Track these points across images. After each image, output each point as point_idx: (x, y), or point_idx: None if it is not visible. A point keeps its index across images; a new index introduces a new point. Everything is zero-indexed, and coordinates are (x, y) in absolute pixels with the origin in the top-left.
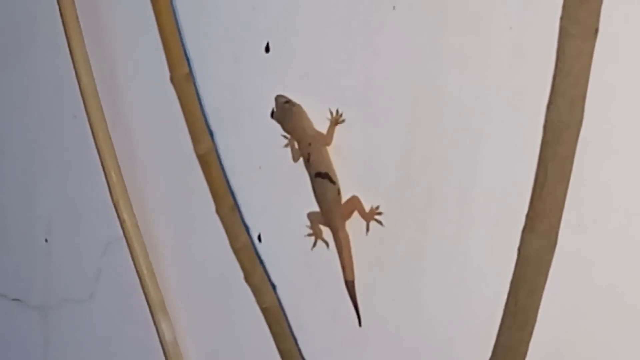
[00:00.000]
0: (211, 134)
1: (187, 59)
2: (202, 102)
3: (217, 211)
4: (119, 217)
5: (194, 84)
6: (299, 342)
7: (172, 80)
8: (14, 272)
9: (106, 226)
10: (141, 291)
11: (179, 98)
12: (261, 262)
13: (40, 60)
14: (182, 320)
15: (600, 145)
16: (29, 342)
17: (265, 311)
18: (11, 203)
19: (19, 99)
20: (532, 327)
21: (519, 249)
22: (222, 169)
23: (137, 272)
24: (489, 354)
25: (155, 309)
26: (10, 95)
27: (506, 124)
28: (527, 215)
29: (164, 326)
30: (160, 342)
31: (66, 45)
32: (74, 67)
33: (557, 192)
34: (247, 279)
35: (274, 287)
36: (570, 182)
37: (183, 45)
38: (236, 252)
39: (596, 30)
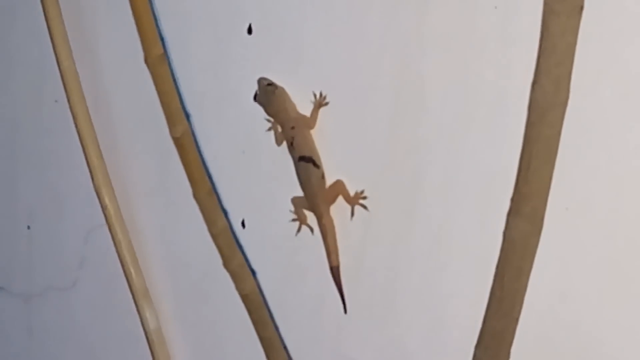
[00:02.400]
0: (188, 116)
1: (163, 40)
2: (181, 85)
3: (195, 195)
4: (101, 203)
5: (171, 65)
6: (282, 330)
7: (146, 61)
8: None
9: (88, 212)
10: (124, 278)
11: (154, 80)
12: (244, 248)
13: (20, 44)
14: (165, 307)
15: (587, 125)
16: (12, 330)
17: (244, 298)
18: None
19: None
20: (519, 313)
21: (504, 233)
22: (201, 153)
23: (120, 259)
24: (475, 340)
25: (138, 296)
26: None
27: (491, 105)
28: (512, 199)
29: (147, 313)
30: (144, 329)
31: (46, 28)
32: (54, 51)
33: (542, 175)
34: (226, 264)
35: (254, 273)
36: (556, 164)
37: (159, 25)
38: (214, 237)
39: (581, 8)
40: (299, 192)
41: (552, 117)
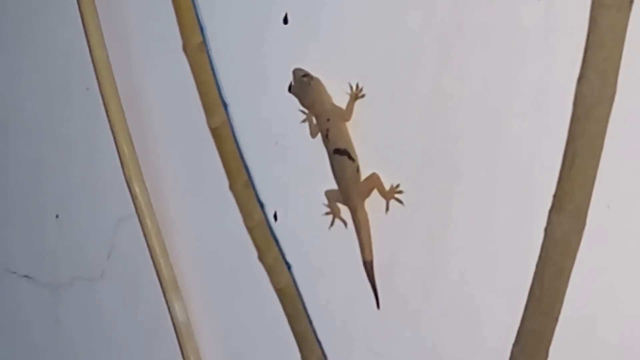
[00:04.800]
0: (226, 106)
1: (202, 29)
2: (217, 74)
3: (231, 187)
4: (131, 192)
5: (209, 54)
6: (315, 324)
7: (184, 49)
8: (25, 249)
9: (118, 202)
10: (153, 269)
11: (192, 68)
12: (277, 240)
13: (52, 31)
14: (195, 299)
15: (633, 121)
16: (40, 320)
17: (279, 292)
18: (22, 178)
19: (31, 71)
20: (558, 312)
21: (546, 230)
22: (237, 143)
23: (149, 249)
24: (513, 339)
25: (167, 287)
26: (22, 67)
27: (534, 98)
28: (555, 195)
29: (176, 306)
30: (172, 321)
31: (78, 15)
32: (87, 38)
33: (586, 171)
34: (261, 258)
35: (289, 267)
36: (600, 161)
37: (198, 14)
38: (250, 230)
39: (631, 1)
40: (333, 185)
41: (599, 113)
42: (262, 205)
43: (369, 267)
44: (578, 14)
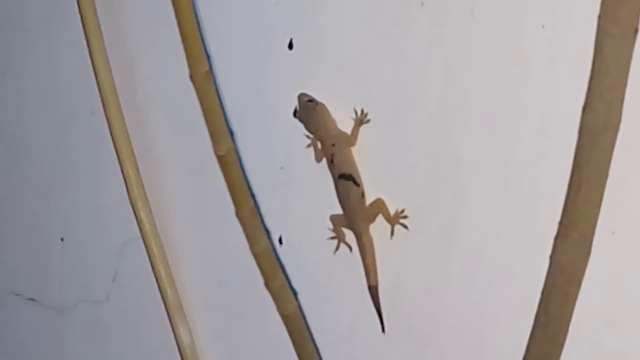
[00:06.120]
0: (232, 133)
1: (208, 56)
2: (223, 101)
3: (237, 214)
4: (136, 217)
5: (214, 81)
6: (320, 349)
7: (191, 77)
8: (30, 271)
9: (123, 226)
10: (158, 293)
11: (199, 96)
12: (282, 266)
13: (58, 55)
14: (200, 324)
15: (638, 150)
16: (44, 343)
17: (285, 319)
18: (27, 200)
19: (36, 94)
20: (564, 340)
21: (551, 257)
22: (243, 169)
23: (155, 273)
24: None
25: (172, 311)
26: (27, 90)
27: (539, 126)
28: (561, 222)
29: (181, 330)
30: (178, 345)
31: (84, 39)
32: (92, 62)
33: (592, 199)
34: (268, 285)
35: (295, 293)
36: (605, 189)
37: (203, 41)
38: (256, 257)
39: (636, 30)
40: (338, 210)
41: (604, 142)
42: (267, 231)
43: (374, 291)
44: (583, 42)
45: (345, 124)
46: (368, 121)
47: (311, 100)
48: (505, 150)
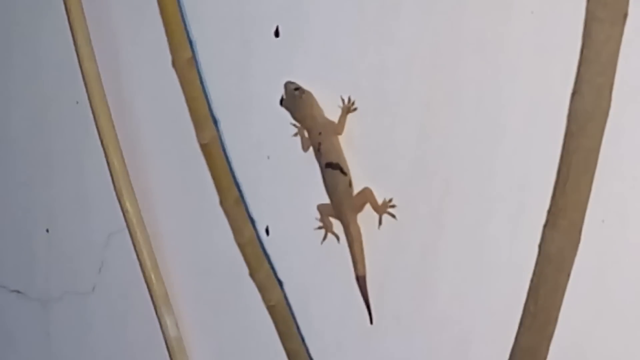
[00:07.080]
0: (216, 122)
1: (192, 43)
2: (207, 89)
3: (221, 204)
4: (121, 207)
5: (198, 69)
6: (307, 340)
7: (174, 64)
8: (15, 263)
9: (109, 216)
10: (144, 284)
11: (181, 84)
12: (268, 256)
13: (42, 45)
14: (186, 314)
15: (628, 136)
16: (30, 334)
17: (271, 309)
18: (12, 191)
19: (20, 84)
20: (553, 329)
21: (540, 246)
22: (228, 158)
23: (140, 264)
24: (507, 356)
25: (158, 302)
26: (11, 80)
27: (527, 113)
28: (549, 211)
29: (167, 320)
30: (164, 336)
31: (68, 29)
32: (76, 52)
33: (581, 187)
34: (253, 275)
35: (280, 283)
36: (595, 176)
37: (187, 28)
38: (241, 247)
39: (625, 15)
40: (326, 199)
41: (593, 128)
42: (253, 221)
43: (361, 282)
44: (572, 28)
45: (332, 113)
46: (355, 109)
47: (298, 88)
48: (493, 139)
